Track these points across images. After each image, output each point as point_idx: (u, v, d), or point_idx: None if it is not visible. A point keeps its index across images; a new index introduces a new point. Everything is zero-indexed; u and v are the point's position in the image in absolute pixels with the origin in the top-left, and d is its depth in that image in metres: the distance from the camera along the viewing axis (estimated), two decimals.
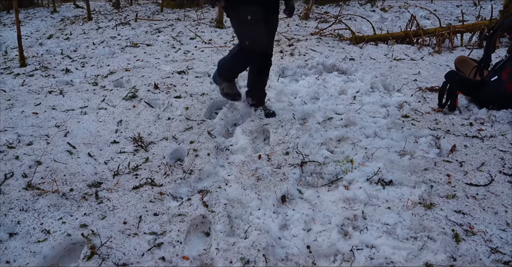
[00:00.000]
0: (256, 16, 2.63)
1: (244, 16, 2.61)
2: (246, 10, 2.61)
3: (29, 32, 6.64)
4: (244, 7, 2.61)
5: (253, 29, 2.64)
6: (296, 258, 1.75)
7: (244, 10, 2.61)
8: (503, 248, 1.72)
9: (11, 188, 2.13)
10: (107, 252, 1.72)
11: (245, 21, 2.62)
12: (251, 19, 2.61)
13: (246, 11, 2.61)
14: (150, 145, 2.68)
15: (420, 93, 3.47)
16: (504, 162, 2.37)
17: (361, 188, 2.15)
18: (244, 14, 2.61)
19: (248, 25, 2.63)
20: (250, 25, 2.63)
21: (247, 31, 2.66)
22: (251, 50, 2.69)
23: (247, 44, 2.65)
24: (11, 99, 3.44)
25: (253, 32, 2.65)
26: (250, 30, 2.65)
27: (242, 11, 2.61)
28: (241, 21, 2.65)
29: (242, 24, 2.66)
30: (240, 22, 2.67)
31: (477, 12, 6.92)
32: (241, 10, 2.61)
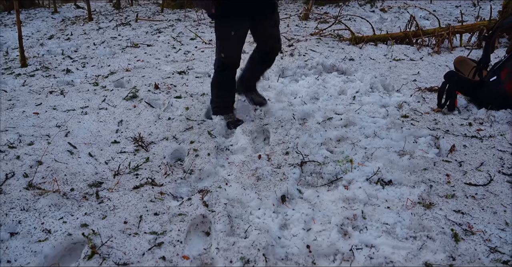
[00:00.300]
0: (240, 32, 2.65)
1: (228, 30, 2.63)
2: (232, 24, 2.61)
3: (30, 33, 6.64)
4: (232, 20, 2.60)
5: (231, 45, 2.69)
6: (296, 258, 1.75)
7: (231, 23, 2.61)
8: (502, 248, 1.72)
9: (12, 188, 2.13)
10: (107, 252, 1.72)
11: (228, 35, 2.64)
12: (234, 35, 2.63)
13: (232, 25, 2.61)
14: (150, 144, 2.68)
15: (419, 94, 3.47)
16: (503, 162, 2.37)
17: (360, 187, 2.15)
18: (230, 28, 2.62)
19: (229, 40, 2.66)
20: (231, 40, 2.66)
21: (225, 45, 2.69)
22: (224, 62, 2.74)
23: (222, 57, 2.71)
24: (12, 99, 3.44)
25: (230, 48, 2.70)
26: (229, 45, 2.69)
27: (229, 24, 2.61)
28: (224, 34, 2.66)
29: (224, 37, 2.67)
30: (223, 34, 2.66)
31: (476, 13, 6.92)
32: (227, 23, 2.61)
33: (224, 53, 2.70)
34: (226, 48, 2.70)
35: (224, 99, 2.97)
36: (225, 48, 2.70)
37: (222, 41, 2.70)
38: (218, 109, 3.00)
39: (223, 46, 2.70)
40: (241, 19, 2.63)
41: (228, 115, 2.97)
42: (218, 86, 2.91)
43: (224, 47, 2.70)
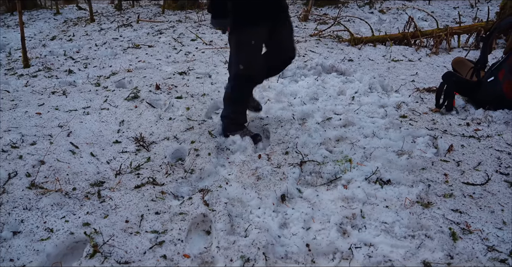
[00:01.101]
0: (260, 41, 2.47)
1: (247, 39, 2.43)
2: (251, 32, 2.42)
3: (32, 34, 6.63)
4: (250, 29, 2.41)
5: (252, 55, 2.48)
6: (296, 256, 1.75)
7: (250, 32, 2.42)
8: (500, 246, 1.72)
9: (15, 187, 2.13)
10: (109, 250, 1.72)
11: (248, 45, 2.44)
12: (254, 44, 2.44)
13: (252, 34, 2.42)
14: (151, 144, 2.68)
15: (417, 94, 3.47)
16: (500, 162, 2.37)
17: (359, 187, 2.15)
18: (250, 37, 2.42)
19: (249, 50, 2.46)
20: (251, 50, 2.46)
21: (245, 56, 2.49)
22: (243, 74, 2.52)
23: (240, 69, 2.49)
24: (14, 99, 3.44)
25: (250, 58, 2.49)
26: (249, 55, 2.48)
27: (247, 33, 2.41)
28: (243, 44, 2.46)
29: (242, 48, 2.47)
30: (242, 44, 2.46)
31: (473, 14, 6.92)
32: (246, 32, 2.42)
33: (243, 65, 2.48)
34: (245, 59, 2.49)
35: (241, 115, 2.75)
36: (245, 59, 2.49)
37: (240, 52, 2.49)
38: (234, 127, 2.74)
39: (242, 57, 2.49)
40: (260, 27, 2.44)
41: (243, 131, 2.72)
42: (235, 101, 2.69)
43: (243, 58, 2.49)
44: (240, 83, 2.59)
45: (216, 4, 2.32)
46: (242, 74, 2.52)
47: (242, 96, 2.68)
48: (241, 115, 2.75)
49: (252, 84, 2.68)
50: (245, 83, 2.60)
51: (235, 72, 2.55)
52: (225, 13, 2.33)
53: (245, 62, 2.49)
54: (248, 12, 2.37)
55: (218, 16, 2.33)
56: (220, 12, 2.32)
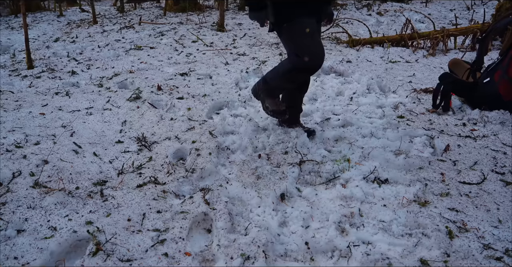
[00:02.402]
0: (314, 28, 2.28)
1: (302, 29, 2.24)
2: (303, 21, 2.24)
3: (36, 35, 6.63)
4: (300, 19, 2.25)
5: (313, 43, 2.28)
6: (295, 254, 1.75)
7: (301, 21, 2.24)
8: (495, 244, 1.72)
9: (19, 186, 2.13)
10: (111, 248, 1.72)
11: (304, 34, 2.24)
12: (310, 32, 2.24)
13: (304, 22, 2.24)
14: (153, 144, 2.68)
15: (415, 95, 3.47)
16: (496, 161, 2.37)
17: (357, 186, 2.15)
18: (302, 26, 2.24)
19: (307, 38, 2.26)
20: (310, 38, 2.26)
21: (306, 45, 2.27)
22: (311, 66, 2.30)
23: (307, 61, 2.25)
24: (18, 100, 3.44)
25: (313, 46, 2.28)
26: (310, 43, 2.27)
27: (299, 23, 2.24)
28: (299, 34, 2.26)
29: (300, 38, 2.26)
30: (298, 35, 2.26)
31: (470, 16, 6.91)
32: (297, 22, 2.25)
33: (308, 55, 2.24)
34: (308, 48, 2.26)
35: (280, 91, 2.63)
36: (307, 48, 2.26)
37: (299, 43, 2.28)
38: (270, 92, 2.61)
39: (303, 48, 2.26)
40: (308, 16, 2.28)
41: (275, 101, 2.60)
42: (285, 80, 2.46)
43: (305, 48, 2.26)
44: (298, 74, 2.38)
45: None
46: (305, 66, 2.29)
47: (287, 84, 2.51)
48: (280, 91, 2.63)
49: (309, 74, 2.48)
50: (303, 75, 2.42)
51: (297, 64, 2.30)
52: (261, 6, 2.22)
53: (308, 51, 2.26)
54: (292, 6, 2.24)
55: (254, 9, 2.25)
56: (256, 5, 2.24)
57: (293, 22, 2.25)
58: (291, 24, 2.26)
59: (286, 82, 2.47)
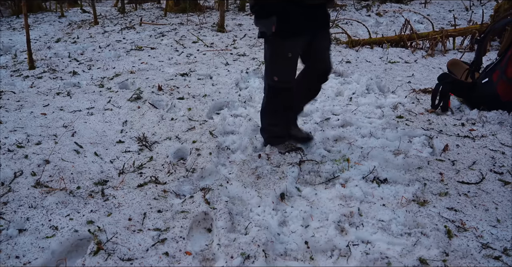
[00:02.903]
0: (297, 53, 2.28)
1: (285, 52, 2.23)
2: (291, 44, 2.22)
3: (37, 36, 6.63)
4: (291, 39, 2.21)
5: (287, 68, 2.30)
6: (295, 253, 1.75)
7: (289, 43, 2.22)
8: (494, 244, 1.72)
9: (21, 186, 2.13)
10: (112, 248, 1.72)
11: (284, 57, 2.24)
12: (292, 57, 2.24)
13: (291, 45, 2.22)
14: (154, 144, 2.68)
15: (414, 95, 3.47)
16: (494, 161, 2.37)
17: (357, 185, 2.15)
18: (287, 49, 2.22)
19: (285, 62, 2.27)
20: (287, 63, 2.27)
21: (280, 68, 2.31)
22: (278, 87, 2.34)
23: (275, 81, 2.31)
24: (20, 100, 3.44)
25: (285, 71, 2.30)
26: (284, 67, 2.30)
27: (287, 44, 2.22)
28: (279, 55, 2.26)
29: (278, 59, 2.28)
30: (278, 56, 2.27)
31: (468, 17, 6.91)
32: (285, 43, 2.21)
33: (277, 77, 2.30)
34: (280, 71, 2.31)
35: (278, 128, 2.54)
36: (279, 71, 2.31)
37: (275, 63, 2.30)
38: (273, 139, 2.58)
39: (277, 69, 2.31)
40: (301, 38, 2.25)
41: (285, 145, 2.55)
42: (271, 113, 2.49)
43: (278, 70, 2.31)
44: (274, 95, 2.40)
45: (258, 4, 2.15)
46: (276, 86, 2.35)
47: (277, 108, 2.46)
48: (279, 127, 2.54)
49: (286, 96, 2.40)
50: (279, 95, 2.39)
51: (269, 83, 2.38)
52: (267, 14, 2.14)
53: (280, 74, 2.31)
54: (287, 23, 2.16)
55: (260, 16, 2.15)
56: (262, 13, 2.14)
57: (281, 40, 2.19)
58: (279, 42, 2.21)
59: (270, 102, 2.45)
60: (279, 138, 2.57)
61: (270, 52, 2.30)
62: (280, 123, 2.53)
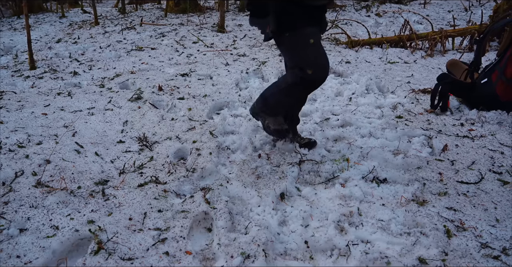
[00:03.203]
0: (318, 39, 2.11)
1: (306, 39, 2.06)
2: (307, 31, 2.07)
3: (38, 36, 6.63)
4: (304, 29, 2.07)
5: (317, 54, 2.11)
6: (295, 253, 1.75)
7: (305, 31, 2.06)
8: (493, 243, 1.72)
9: (21, 186, 2.13)
10: (113, 247, 1.72)
11: (308, 45, 2.06)
12: (315, 43, 2.07)
13: (308, 32, 2.07)
14: (154, 144, 2.68)
15: (413, 95, 3.47)
16: (493, 161, 2.37)
17: (356, 185, 2.15)
18: (306, 36, 2.06)
19: (312, 50, 2.09)
20: (314, 49, 2.09)
21: (310, 57, 2.10)
22: (316, 78, 2.13)
23: (310, 73, 2.08)
24: (21, 100, 3.44)
25: (318, 58, 2.11)
26: (314, 55, 2.10)
27: (303, 34, 2.06)
28: (302, 45, 2.08)
29: (303, 49, 2.08)
30: (301, 46, 2.08)
31: (467, 17, 6.91)
32: (301, 32, 2.06)
33: (312, 67, 2.08)
34: (312, 59, 2.09)
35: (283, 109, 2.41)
36: (311, 60, 2.09)
37: (302, 54, 2.10)
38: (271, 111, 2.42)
39: (307, 60, 2.10)
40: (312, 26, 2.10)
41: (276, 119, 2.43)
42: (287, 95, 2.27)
43: (309, 60, 2.09)
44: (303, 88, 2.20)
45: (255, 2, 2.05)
46: (310, 79, 2.12)
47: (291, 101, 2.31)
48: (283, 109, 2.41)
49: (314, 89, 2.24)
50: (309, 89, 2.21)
51: (301, 76, 2.13)
52: (264, 13, 2.03)
53: (313, 64, 2.09)
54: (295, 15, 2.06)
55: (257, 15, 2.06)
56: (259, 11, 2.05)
57: (295, 31, 2.07)
58: (294, 34, 2.07)
59: (289, 98, 2.29)
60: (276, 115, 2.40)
61: (291, 47, 2.11)
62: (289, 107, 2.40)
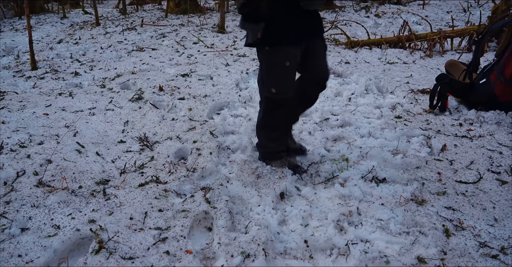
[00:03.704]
0: (294, 62, 2.08)
1: (282, 61, 2.04)
2: (286, 52, 2.03)
3: (40, 37, 6.63)
4: (285, 48, 2.02)
5: (285, 78, 2.10)
6: (294, 252, 1.75)
7: (285, 52, 2.03)
8: (491, 243, 1.72)
9: (23, 185, 2.13)
10: (114, 246, 1.72)
11: (281, 67, 2.05)
12: (290, 66, 2.06)
13: (287, 53, 2.03)
14: (155, 144, 2.68)
15: (412, 95, 3.47)
16: (492, 161, 2.37)
17: (356, 185, 2.15)
18: (284, 58, 2.04)
19: (282, 73, 2.08)
20: (285, 73, 2.08)
21: (277, 78, 2.10)
22: (275, 99, 2.16)
23: (273, 92, 2.12)
24: (23, 100, 3.44)
25: (284, 82, 2.11)
26: (282, 78, 2.10)
27: (283, 53, 2.03)
28: (276, 65, 2.07)
29: (275, 70, 2.08)
30: (275, 66, 2.08)
31: (466, 18, 6.91)
32: (281, 51, 2.03)
33: (275, 88, 2.10)
34: (277, 82, 2.10)
35: (277, 143, 2.34)
36: (277, 82, 2.10)
37: (272, 74, 2.10)
38: (271, 155, 2.39)
39: (274, 80, 2.10)
40: (296, 46, 2.05)
41: (281, 161, 2.38)
42: (269, 128, 2.30)
43: (275, 81, 2.10)
44: (273, 108, 2.22)
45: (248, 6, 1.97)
46: (274, 98, 2.16)
47: (275, 123, 2.28)
48: (277, 143, 2.35)
49: (286, 110, 2.23)
50: (279, 108, 2.21)
51: (266, 96, 2.20)
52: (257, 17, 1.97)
53: (278, 85, 2.11)
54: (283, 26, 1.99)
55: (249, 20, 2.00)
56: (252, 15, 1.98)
57: (277, 48, 2.03)
58: (274, 50, 2.04)
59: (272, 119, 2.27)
60: (276, 153, 2.38)
61: (266, 62, 2.12)
62: (279, 139, 2.34)
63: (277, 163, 2.38)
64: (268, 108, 2.24)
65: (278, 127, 2.30)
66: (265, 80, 2.15)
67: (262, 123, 2.33)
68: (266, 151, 2.39)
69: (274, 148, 2.36)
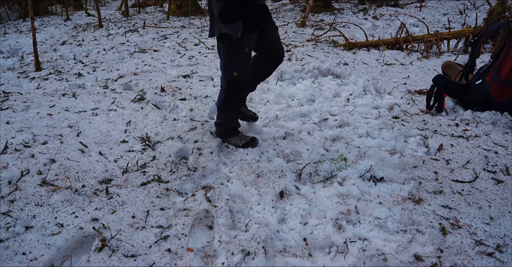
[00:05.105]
0: (250, 49, 2.33)
1: (242, 47, 2.27)
2: (246, 40, 2.26)
3: (44, 39, 6.63)
4: (246, 36, 2.23)
5: (245, 62, 2.35)
6: (294, 250, 1.75)
7: (247, 38, 2.25)
8: (487, 241, 1.72)
9: (27, 184, 2.13)
10: (116, 244, 1.72)
11: (241, 53, 2.29)
12: (247, 52, 2.30)
13: (246, 41, 2.26)
14: (157, 144, 2.68)
15: (409, 96, 3.47)
16: (488, 160, 2.37)
17: (354, 184, 2.15)
18: (243, 45, 2.26)
19: (242, 58, 2.32)
20: (244, 58, 2.32)
21: (239, 63, 2.35)
22: (237, 82, 2.41)
23: (235, 76, 2.36)
24: (27, 101, 3.44)
25: (244, 65, 2.35)
26: (242, 62, 2.34)
27: (242, 41, 2.25)
28: (237, 51, 2.29)
29: (236, 55, 2.31)
30: (236, 52, 2.30)
31: (462, 20, 6.91)
32: (241, 40, 2.23)
33: (237, 72, 2.35)
34: (239, 66, 2.35)
35: (234, 121, 2.67)
36: (238, 66, 2.35)
37: (234, 59, 2.34)
38: (230, 132, 2.67)
39: (236, 65, 2.35)
40: (253, 33, 2.30)
41: (239, 137, 2.65)
42: (229, 106, 2.58)
43: (237, 66, 2.35)
44: (234, 89, 2.48)
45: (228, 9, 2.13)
46: (236, 81, 2.40)
47: (235, 102, 2.58)
48: (234, 120, 2.68)
49: (244, 90, 2.58)
50: (238, 90, 2.50)
51: (228, 79, 2.42)
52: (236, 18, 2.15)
53: (240, 69, 2.35)
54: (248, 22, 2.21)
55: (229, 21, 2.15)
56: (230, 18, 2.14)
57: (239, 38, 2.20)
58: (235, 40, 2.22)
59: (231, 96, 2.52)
60: (234, 130, 2.67)
61: (228, 49, 2.31)
62: (236, 116, 2.69)
63: (234, 139, 2.64)
64: (231, 89, 2.49)
65: (236, 105, 2.62)
66: (227, 66, 2.38)
67: (224, 103, 2.58)
68: (226, 128, 2.66)
69: (233, 125, 2.67)
